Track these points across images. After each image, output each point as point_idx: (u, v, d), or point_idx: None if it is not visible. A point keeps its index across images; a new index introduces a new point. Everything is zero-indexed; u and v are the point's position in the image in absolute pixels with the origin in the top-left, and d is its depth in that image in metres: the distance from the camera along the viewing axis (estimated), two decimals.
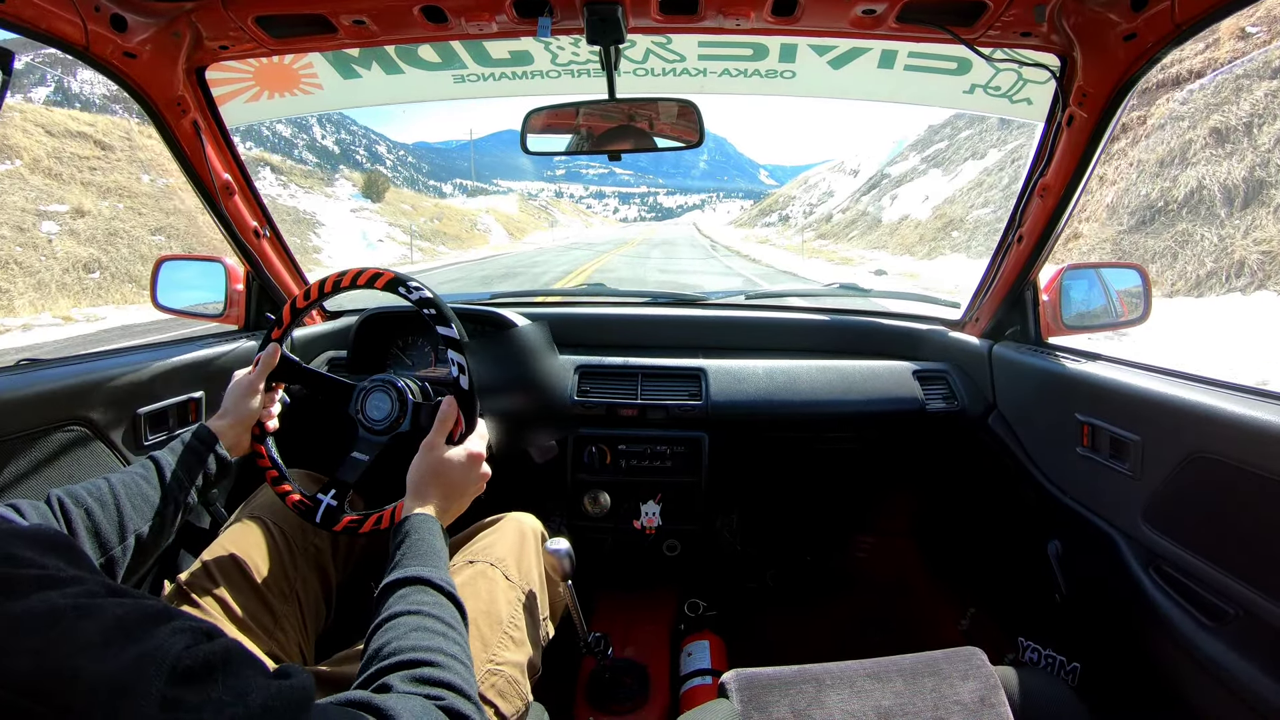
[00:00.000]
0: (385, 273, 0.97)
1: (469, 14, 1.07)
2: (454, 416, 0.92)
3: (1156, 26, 0.91)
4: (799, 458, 1.73)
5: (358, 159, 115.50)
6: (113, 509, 0.78)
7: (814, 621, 1.79)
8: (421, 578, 0.71)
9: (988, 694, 0.82)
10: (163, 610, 0.40)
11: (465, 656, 0.64)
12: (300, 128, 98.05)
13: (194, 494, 0.89)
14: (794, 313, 1.87)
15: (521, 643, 0.93)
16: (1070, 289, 1.33)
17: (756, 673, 0.87)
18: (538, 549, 1.08)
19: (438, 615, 0.67)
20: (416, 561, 0.74)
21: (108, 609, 0.37)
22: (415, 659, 0.59)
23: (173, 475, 0.87)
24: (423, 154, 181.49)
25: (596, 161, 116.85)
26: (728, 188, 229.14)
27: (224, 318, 1.51)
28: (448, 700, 0.56)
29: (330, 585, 1.08)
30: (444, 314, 0.94)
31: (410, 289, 0.95)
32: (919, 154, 31.92)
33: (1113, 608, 1.05)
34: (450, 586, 0.72)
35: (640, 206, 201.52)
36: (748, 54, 1.64)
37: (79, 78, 36.22)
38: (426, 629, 0.64)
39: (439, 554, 0.77)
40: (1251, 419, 0.80)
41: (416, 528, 0.79)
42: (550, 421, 1.48)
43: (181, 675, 0.36)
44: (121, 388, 1.11)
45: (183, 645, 0.37)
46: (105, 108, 25.76)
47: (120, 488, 0.81)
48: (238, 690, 0.38)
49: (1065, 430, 1.17)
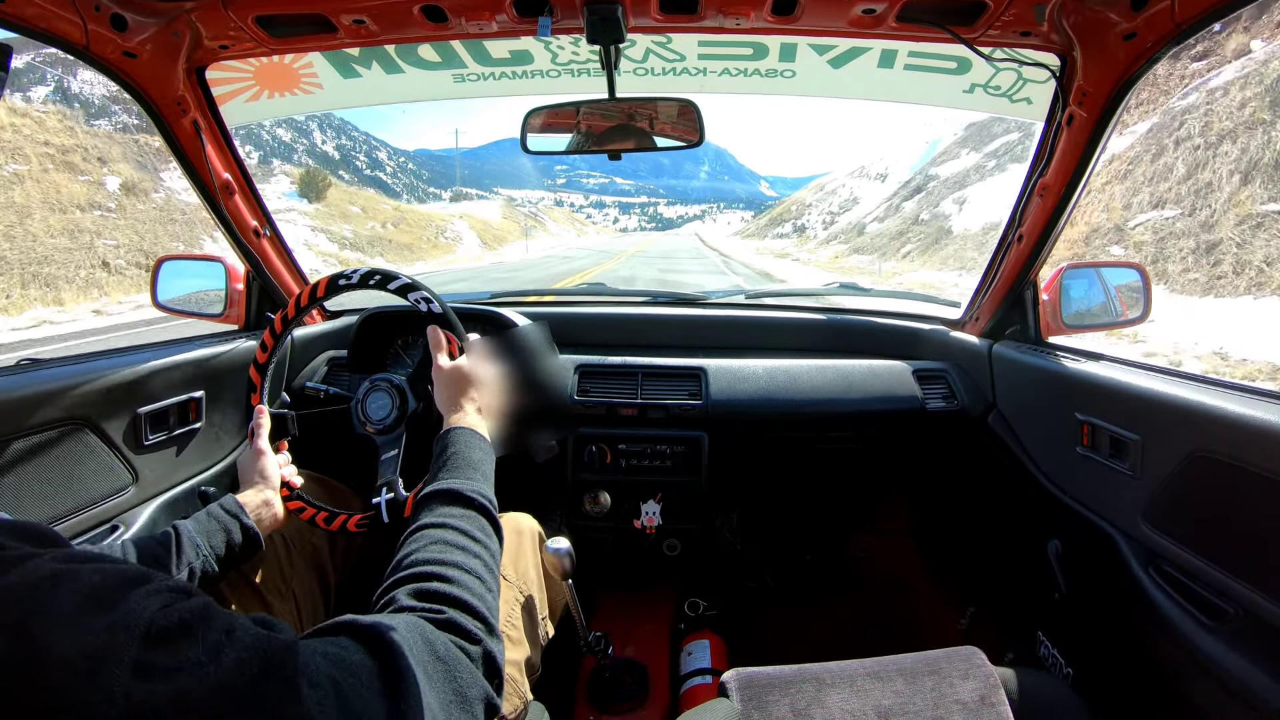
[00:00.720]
0: (384, 272, 1.00)
1: (469, 13, 1.07)
2: (443, 339, 0.94)
3: (1156, 26, 0.91)
4: (799, 457, 1.73)
5: (358, 165, 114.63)
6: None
7: (814, 621, 1.79)
8: (453, 490, 0.70)
9: (988, 693, 0.82)
10: (140, 574, 0.39)
11: (485, 570, 0.62)
12: (300, 132, 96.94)
13: (214, 564, 0.83)
14: (794, 312, 1.87)
15: (519, 642, 0.93)
16: (1070, 288, 1.33)
17: (756, 672, 0.87)
18: (534, 549, 1.08)
19: (462, 528, 0.66)
20: (451, 474, 0.73)
21: (84, 575, 0.36)
22: (426, 572, 0.58)
23: (192, 544, 0.81)
24: (423, 161, 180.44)
25: (597, 170, 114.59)
26: (728, 198, 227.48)
27: (224, 317, 1.51)
28: (448, 614, 0.55)
29: (328, 584, 1.08)
30: (389, 274, 0.97)
31: (349, 274, 0.99)
32: (977, 150, 27.05)
33: (1113, 607, 1.05)
34: (483, 498, 0.71)
35: (640, 216, 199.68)
36: (748, 53, 1.63)
37: (79, 78, 35.59)
38: (446, 542, 0.63)
39: (476, 465, 0.76)
40: (1252, 419, 0.80)
41: (454, 440, 0.79)
42: (551, 421, 1.48)
43: (155, 637, 0.35)
44: (122, 387, 1.11)
45: (158, 606, 0.37)
46: (104, 109, 25.37)
47: (132, 551, 0.78)
48: (215, 646, 0.37)
49: (1065, 429, 1.17)
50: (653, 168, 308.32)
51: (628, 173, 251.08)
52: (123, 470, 1.11)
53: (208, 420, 1.29)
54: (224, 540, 0.84)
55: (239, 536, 0.86)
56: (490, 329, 1.49)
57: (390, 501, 0.94)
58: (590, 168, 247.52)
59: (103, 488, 1.08)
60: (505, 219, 51.68)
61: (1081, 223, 11.75)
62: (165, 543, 0.80)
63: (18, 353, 5.41)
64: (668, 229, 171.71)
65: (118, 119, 23.97)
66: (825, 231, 38.03)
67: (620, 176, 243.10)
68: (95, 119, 23.71)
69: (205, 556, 0.81)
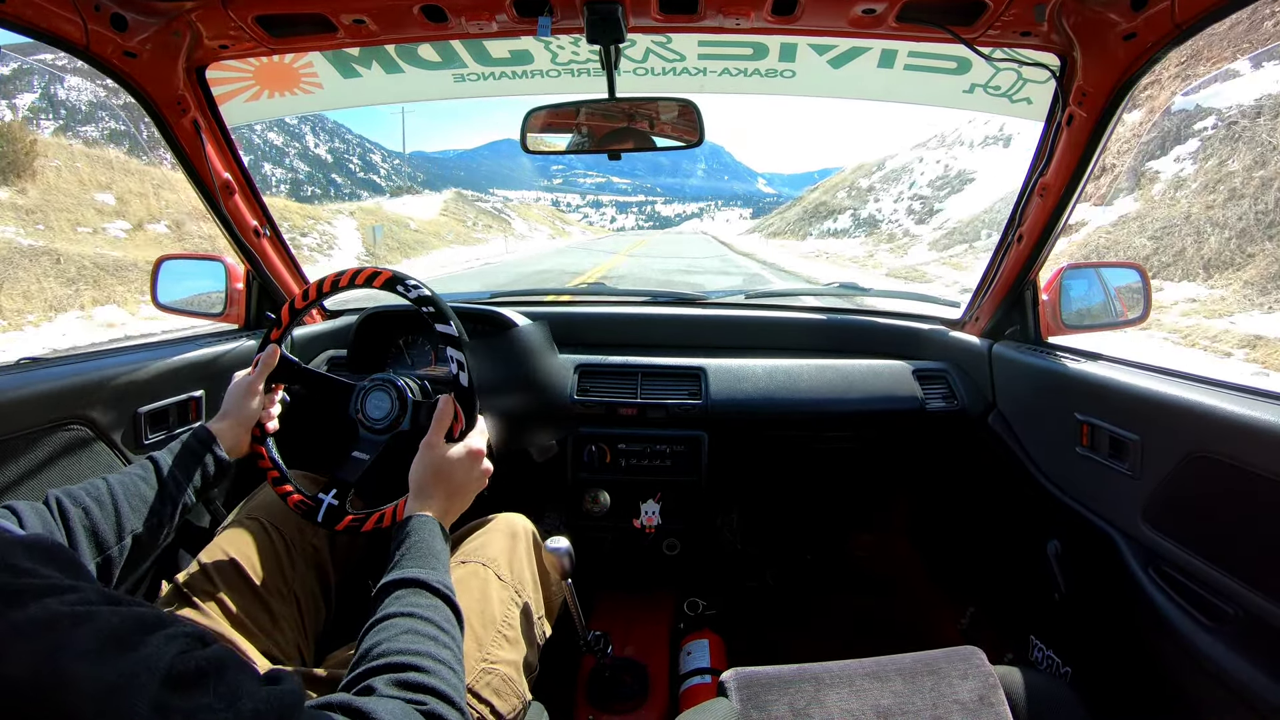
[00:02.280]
0: (384, 271, 0.98)
1: (469, 13, 1.07)
2: (452, 414, 0.92)
3: (1156, 26, 0.91)
4: (799, 457, 1.73)
5: (351, 167, 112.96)
6: (110, 509, 0.79)
7: (813, 620, 1.79)
8: (419, 580, 0.71)
9: (987, 693, 0.82)
10: (157, 618, 0.41)
11: (455, 661, 0.64)
12: (293, 135, 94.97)
13: (192, 494, 0.89)
14: (794, 312, 1.87)
15: (516, 641, 0.93)
16: (1070, 288, 1.33)
17: (756, 672, 0.87)
18: (529, 549, 1.08)
19: (430, 618, 0.67)
20: (415, 563, 0.74)
21: (103, 617, 0.38)
22: (402, 663, 0.60)
23: (170, 475, 0.87)
24: (419, 163, 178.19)
25: (594, 170, 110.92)
26: (726, 195, 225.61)
27: (224, 317, 1.51)
28: (429, 705, 0.56)
29: (328, 585, 1.08)
30: (443, 311, 0.94)
31: (409, 287, 0.96)
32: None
33: (1112, 607, 1.05)
34: (447, 589, 0.72)
35: (638, 215, 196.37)
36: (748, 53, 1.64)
37: (65, 85, 34.53)
38: (418, 632, 0.64)
39: (439, 555, 0.77)
40: (1251, 419, 0.80)
41: (417, 529, 0.79)
42: (550, 421, 1.48)
43: (174, 681, 0.37)
44: (122, 387, 1.11)
45: (176, 651, 0.38)
46: (91, 115, 24.45)
47: (118, 488, 0.81)
48: (229, 697, 0.39)
49: (1065, 430, 1.17)
50: (650, 167, 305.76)
51: (625, 172, 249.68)
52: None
53: (208, 420, 1.29)
54: (199, 471, 0.90)
55: (212, 467, 0.92)
56: (490, 328, 1.49)
57: (332, 507, 0.95)
58: (587, 168, 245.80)
59: None
60: (446, 215, 37.35)
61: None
62: (147, 477, 0.85)
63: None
64: (666, 227, 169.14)
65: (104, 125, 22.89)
66: (912, 223, 24.69)
67: (617, 176, 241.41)
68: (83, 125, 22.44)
69: (185, 488, 0.87)
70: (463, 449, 0.91)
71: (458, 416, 0.93)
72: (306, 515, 0.96)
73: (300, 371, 1.06)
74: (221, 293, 1.50)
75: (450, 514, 0.88)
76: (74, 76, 24.19)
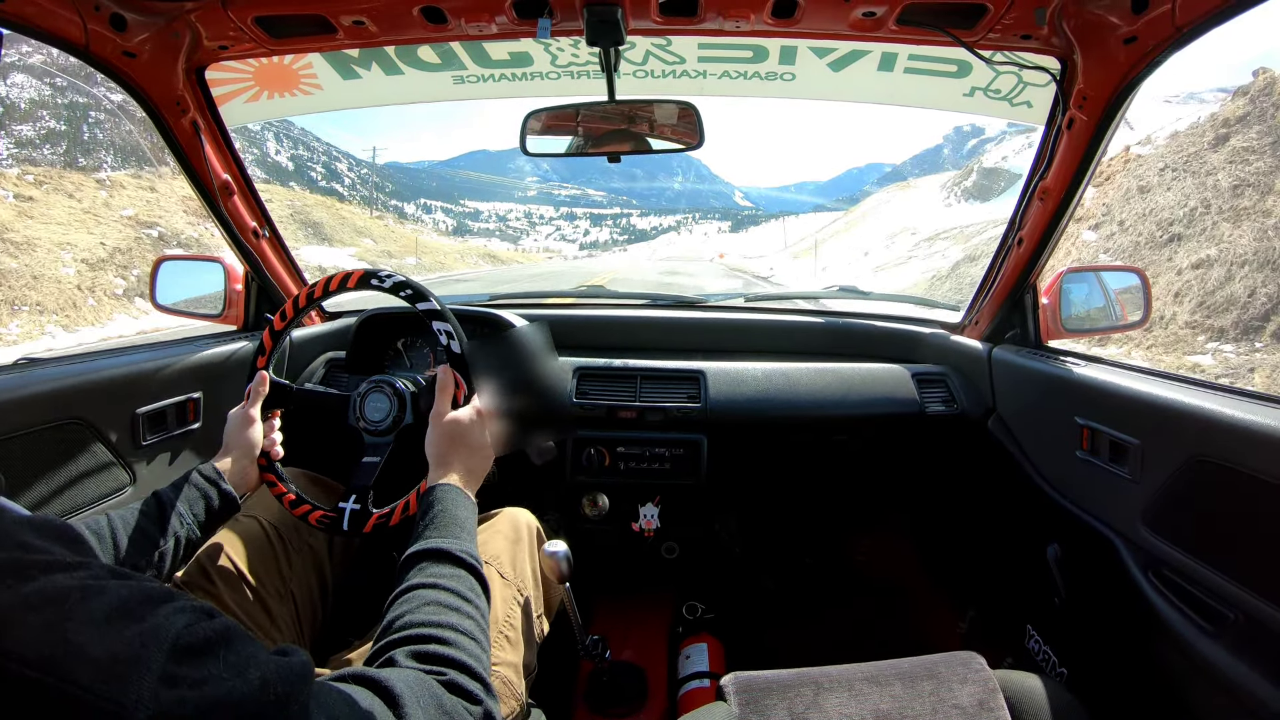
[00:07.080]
0: (355, 272, 0.99)
1: (469, 15, 1.07)
2: (453, 382, 0.93)
3: (1157, 29, 0.91)
4: (798, 460, 1.73)
5: (313, 176, 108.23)
6: (109, 543, 0.78)
7: (812, 624, 1.79)
8: (442, 550, 0.71)
9: (987, 698, 0.82)
10: (165, 592, 0.41)
11: (478, 631, 0.64)
12: (252, 141, 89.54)
13: (197, 529, 0.87)
14: (793, 315, 1.87)
15: (516, 642, 0.93)
16: (1070, 292, 1.33)
17: (754, 676, 0.87)
18: (532, 545, 1.08)
19: (453, 589, 0.66)
20: (439, 533, 0.74)
21: (111, 590, 0.38)
22: (423, 634, 0.60)
23: (174, 512, 0.85)
24: (390, 174, 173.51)
25: (569, 183, 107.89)
26: (704, 208, 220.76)
27: (223, 318, 1.50)
28: (449, 675, 0.56)
29: (326, 585, 1.07)
30: (421, 291, 0.96)
31: (383, 278, 0.97)
32: None
33: (1112, 611, 1.04)
34: (471, 557, 0.72)
35: (613, 229, 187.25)
36: (747, 56, 1.64)
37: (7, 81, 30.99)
38: (440, 603, 0.64)
39: (463, 523, 0.77)
40: (1252, 423, 0.80)
41: (440, 498, 0.79)
42: (549, 423, 1.48)
43: (182, 651, 0.37)
44: (120, 387, 1.11)
45: (183, 623, 0.39)
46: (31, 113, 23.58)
47: (119, 523, 0.80)
48: (237, 666, 0.39)
49: (1065, 433, 1.16)
50: (626, 178, 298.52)
51: (600, 184, 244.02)
52: (120, 471, 1.11)
53: (206, 421, 1.29)
54: (204, 506, 0.89)
55: (218, 502, 0.90)
56: (489, 330, 1.49)
57: (355, 512, 0.94)
58: (562, 179, 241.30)
59: (100, 488, 1.07)
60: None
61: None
62: (149, 512, 0.84)
63: None
64: (642, 240, 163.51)
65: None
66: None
67: (591, 188, 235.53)
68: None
69: (189, 524, 0.86)
70: (470, 410, 0.91)
71: (458, 384, 0.93)
72: (332, 527, 0.95)
73: (294, 393, 1.05)
74: (220, 294, 1.50)
75: (473, 476, 0.87)
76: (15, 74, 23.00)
